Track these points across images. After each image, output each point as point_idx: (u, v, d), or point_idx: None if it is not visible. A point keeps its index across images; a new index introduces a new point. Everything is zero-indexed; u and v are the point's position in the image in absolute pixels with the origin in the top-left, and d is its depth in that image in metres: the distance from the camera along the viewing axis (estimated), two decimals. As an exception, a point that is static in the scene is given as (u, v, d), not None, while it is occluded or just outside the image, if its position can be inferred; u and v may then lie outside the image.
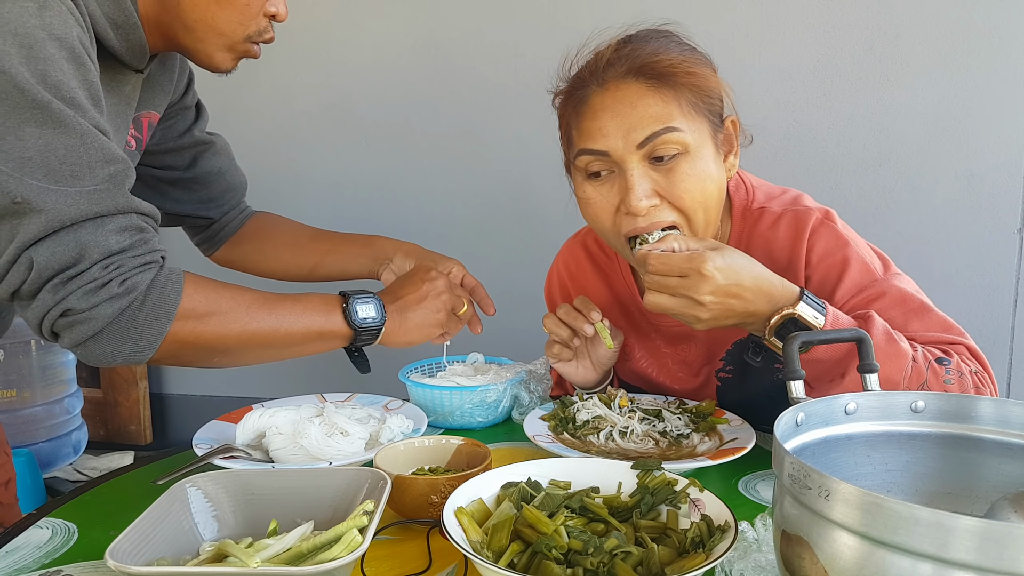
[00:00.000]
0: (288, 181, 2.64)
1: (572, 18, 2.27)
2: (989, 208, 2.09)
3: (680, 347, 1.13)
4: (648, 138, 0.91)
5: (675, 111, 0.92)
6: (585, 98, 0.96)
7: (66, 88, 0.75)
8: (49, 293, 0.75)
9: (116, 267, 0.77)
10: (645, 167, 0.93)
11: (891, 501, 0.46)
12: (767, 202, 1.05)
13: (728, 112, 0.99)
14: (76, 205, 0.75)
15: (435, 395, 1.09)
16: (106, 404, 2.83)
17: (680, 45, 0.97)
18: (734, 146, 1.00)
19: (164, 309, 0.79)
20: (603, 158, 0.94)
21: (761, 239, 1.03)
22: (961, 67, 2.05)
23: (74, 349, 0.78)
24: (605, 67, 0.94)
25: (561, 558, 0.63)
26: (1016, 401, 0.65)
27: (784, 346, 0.85)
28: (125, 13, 0.85)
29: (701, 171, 0.93)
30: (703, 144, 0.94)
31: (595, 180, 0.97)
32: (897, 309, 0.95)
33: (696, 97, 0.93)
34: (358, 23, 2.49)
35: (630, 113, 0.92)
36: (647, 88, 0.92)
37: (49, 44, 0.74)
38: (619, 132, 0.92)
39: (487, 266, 2.55)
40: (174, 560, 0.66)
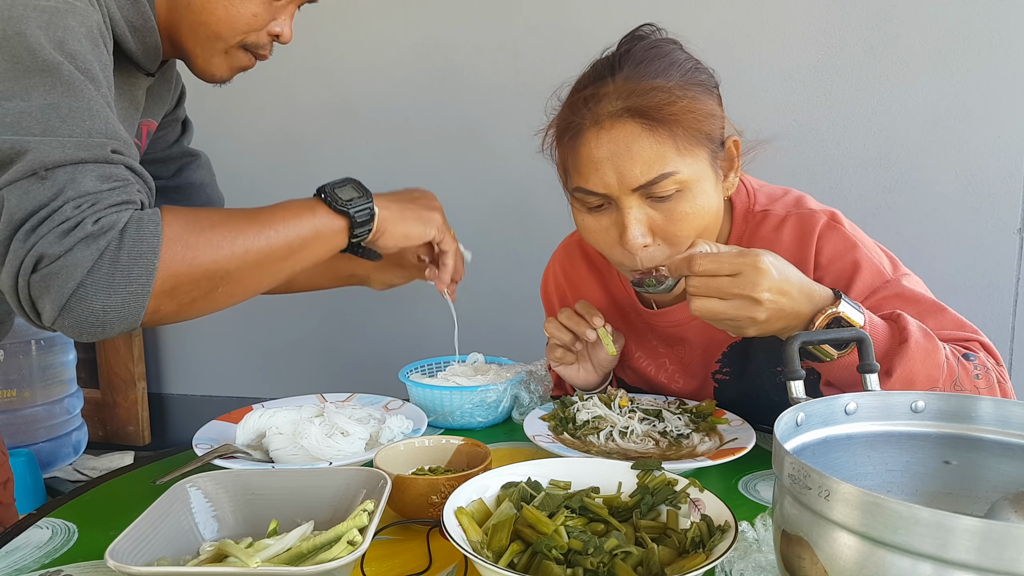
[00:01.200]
0: (288, 182, 2.64)
1: (572, 18, 2.27)
2: (989, 208, 2.09)
3: (676, 348, 1.13)
4: (644, 184, 0.90)
5: (671, 152, 0.90)
6: (580, 133, 0.93)
7: (81, 59, 0.73)
8: (20, 242, 0.68)
9: (90, 204, 0.70)
10: (642, 205, 0.92)
11: (891, 501, 0.46)
12: (770, 204, 1.04)
13: (729, 132, 0.97)
14: (61, 149, 0.70)
15: (435, 395, 1.09)
16: (105, 404, 2.83)
17: (680, 67, 0.93)
18: (735, 164, 0.98)
19: (147, 242, 0.71)
20: (599, 196, 0.94)
21: (764, 242, 1.02)
22: (961, 67, 2.05)
23: (60, 319, 0.70)
24: (599, 100, 0.91)
25: (561, 558, 0.63)
26: (1016, 401, 0.65)
27: (784, 346, 0.85)
28: (143, 16, 0.85)
29: (700, 206, 0.92)
30: (702, 177, 0.92)
31: (594, 212, 0.96)
32: (911, 309, 0.94)
33: (694, 129, 0.91)
34: (358, 24, 2.49)
35: (625, 155, 0.90)
36: (642, 129, 0.89)
37: (70, 17, 0.73)
38: (615, 175, 0.91)
39: (487, 266, 2.55)
40: (174, 560, 0.66)
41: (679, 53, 0.96)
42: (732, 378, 1.11)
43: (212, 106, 2.66)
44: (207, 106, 2.64)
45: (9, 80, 0.70)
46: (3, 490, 1.13)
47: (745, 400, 1.09)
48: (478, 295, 2.54)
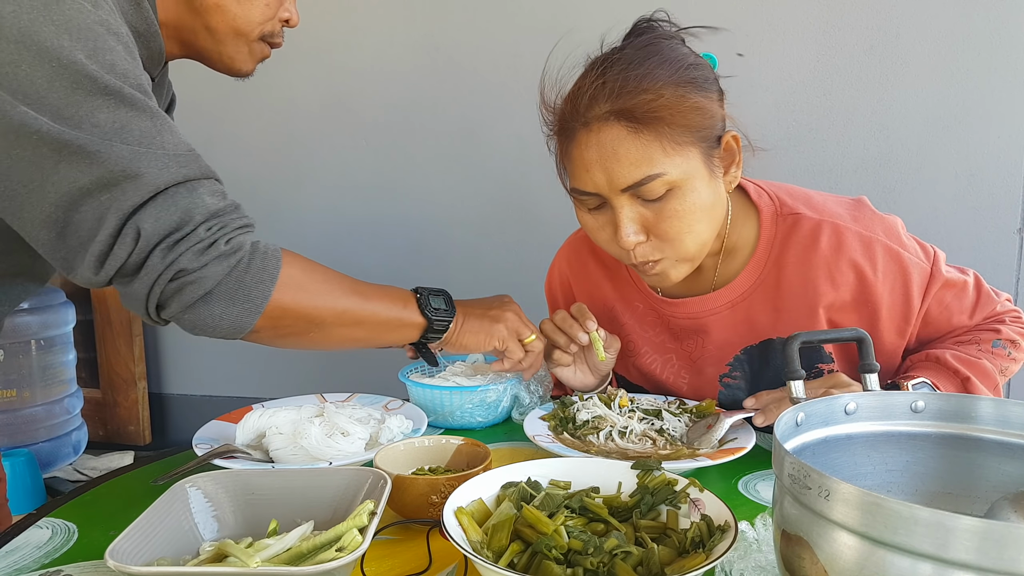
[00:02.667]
0: (289, 182, 2.64)
1: (572, 18, 2.27)
2: (989, 208, 2.09)
3: (687, 343, 1.13)
4: (631, 185, 0.91)
5: (657, 153, 0.90)
6: (572, 135, 0.95)
7: (133, 76, 0.75)
8: (158, 258, 0.75)
9: (220, 227, 0.78)
10: (633, 204, 0.93)
11: (891, 501, 0.46)
12: (799, 207, 1.05)
13: (729, 126, 0.97)
14: (167, 169, 0.75)
15: (435, 395, 1.09)
16: (105, 404, 2.83)
17: (672, 65, 0.92)
18: (735, 159, 0.98)
19: (268, 272, 0.81)
20: (594, 196, 0.95)
21: (800, 248, 1.03)
22: (961, 67, 2.05)
23: (181, 315, 0.78)
24: (588, 103, 0.92)
25: (561, 558, 0.63)
26: (1016, 401, 0.65)
27: (784, 346, 0.85)
28: (147, 21, 0.85)
29: (691, 204, 0.93)
30: (693, 175, 0.92)
31: (592, 211, 0.98)
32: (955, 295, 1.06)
33: (682, 128, 0.90)
34: (358, 24, 2.49)
35: (612, 158, 0.91)
36: (627, 132, 0.90)
37: (108, 38, 0.74)
38: (604, 177, 0.92)
39: (486, 266, 2.56)
40: (174, 560, 0.66)
41: (676, 49, 0.95)
42: (741, 382, 1.11)
43: (212, 108, 2.66)
44: (206, 107, 2.65)
45: (74, 107, 0.71)
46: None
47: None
48: (477, 295, 2.54)
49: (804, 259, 1.03)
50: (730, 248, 1.07)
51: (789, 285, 1.04)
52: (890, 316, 1.03)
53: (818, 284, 1.02)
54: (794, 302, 1.04)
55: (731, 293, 1.07)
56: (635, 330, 1.16)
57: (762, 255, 1.05)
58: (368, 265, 2.63)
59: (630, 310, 1.16)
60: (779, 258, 1.04)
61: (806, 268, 1.03)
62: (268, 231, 2.90)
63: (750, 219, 1.07)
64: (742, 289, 1.06)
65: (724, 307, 1.08)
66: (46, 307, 2.53)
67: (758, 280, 1.06)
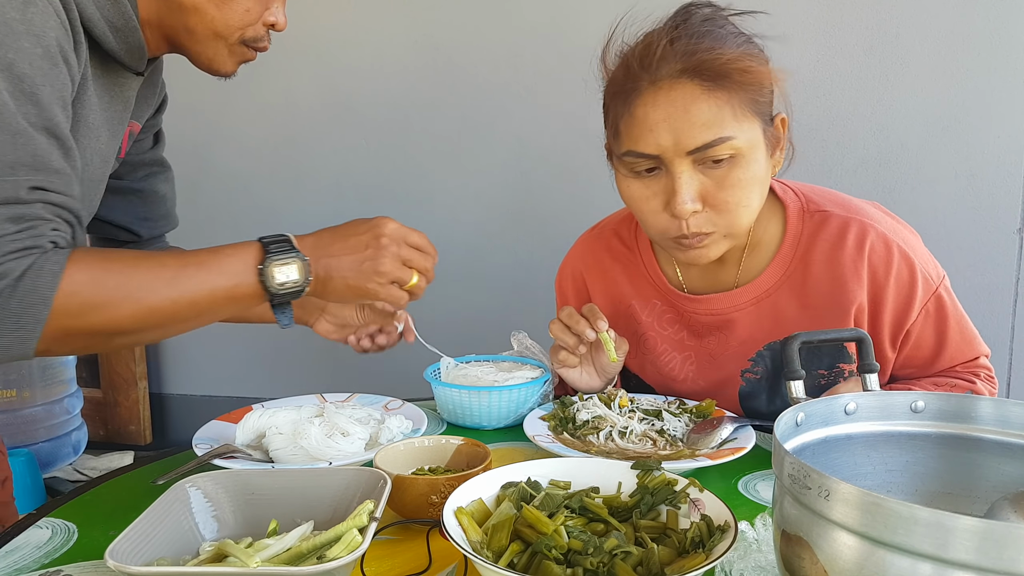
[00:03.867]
0: (288, 182, 2.64)
1: (572, 18, 2.27)
2: (989, 208, 2.09)
3: (708, 339, 1.11)
4: (700, 147, 0.89)
5: (728, 116, 0.89)
6: (636, 93, 0.92)
7: (28, 82, 0.73)
8: None
9: None
10: (694, 170, 0.92)
11: (891, 501, 0.46)
12: (826, 204, 1.06)
13: (777, 108, 0.98)
14: None
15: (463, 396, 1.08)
16: (106, 404, 2.83)
17: (736, 36, 0.93)
18: (781, 142, 0.99)
19: (39, 295, 0.72)
20: (650, 159, 0.93)
21: (826, 244, 1.03)
22: (961, 67, 2.05)
23: None
24: (659, 62, 0.90)
25: (561, 558, 0.63)
26: (1016, 401, 0.65)
27: (784, 346, 0.85)
28: (124, 16, 0.84)
29: (751, 176, 0.92)
30: (755, 146, 0.92)
31: (642, 177, 0.96)
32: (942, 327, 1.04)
33: (750, 97, 0.91)
34: (358, 24, 2.49)
35: (683, 118, 0.89)
36: (701, 91, 0.89)
37: (25, 39, 0.72)
38: (670, 137, 0.90)
39: (486, 266, 2.56)
40: (174, 560, 0.66)
41: (733, 26, 0.96)
42: (762, 378, 1.10)
43: (210, 107, 2.66)
44: (205, 107, 2.65)
45: None
46: (1, 488, 1.13)
47: (772, 400, 1.09)
48: (477, 295, 2.54)
49: (832, 256, 1.03)
50: (754, 243, 1.07)
51: (816, 282, 1.04)
52: (890, 321, 1.04)
53: (846, 281, 1.02)
54: (822, 299, 1.04)
55: (756, 289, 1.06)
56: (653, 328, 1.15)
57: (788, 251, 1.05)
58: (368, 265, 2.63)
59: (648, 307, 1.15)
60: (806, 255, 1.04)
61: (834, 265, 1.03)
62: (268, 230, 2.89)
63: (775, 215, 1.07)
64: (768, 285, 1.06)
65: (749, 303, 1.07)
66: (46, 307, 2.53)
67: (784, 276, 1.05)
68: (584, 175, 2.40)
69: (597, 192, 2.38)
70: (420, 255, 0.89)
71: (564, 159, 2.40)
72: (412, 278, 0.89)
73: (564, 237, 2.47)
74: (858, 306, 1.02)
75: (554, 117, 2.37)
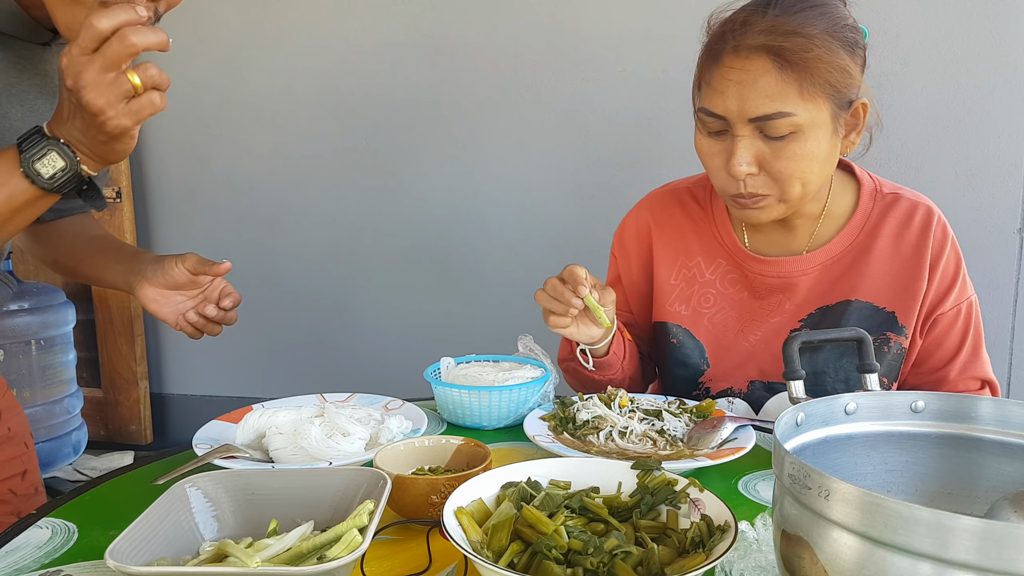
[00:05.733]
0: (288, 182, 2.64)
1: (572, 18, 2.27)
2: (989, 208, 2.09)
3: (768, 301, 1.15)
4: (760, 117, 0.96)
5: (793, 93, 0.95)
6: (719, 56, 0.99)
7: None
8: None
9: None
10: (754, 137, 0.99)
11: (891, 501, 0.46)
12: (898, 189, 1.14)
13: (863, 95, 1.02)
14: None
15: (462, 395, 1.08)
16: (107, 404, 2.83)
17: (829, 18, 0.98)
18: (859, 126, 1.04)
19: None
20: (719, 120, 1.00)
21: (895, 223, 1.11)
22: (961, 67, 2.06)
23: None
24: (746, 32, 0.97)
25: (561, 558, 0.63)
26: (1016, 401, 0.65)
27: (784, 346, 0.85)
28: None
29: (810, 152, 0.98)
30: (818, 125, 0.98)
31: (712, 136, 1.03)
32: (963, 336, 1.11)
33: (821, 79, 0.96)
34: (358, 23, 2.49)
35: (751, 87, 0.96)
36: (773, 66, 0.95)
37: None
38: (736, 102, 0.97)
39: (486, 265, 2.56)
40: (174, 560, 0.66)
41: (838, 7, 1.01)
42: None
43: (210, 105, 2.66)
44: (205, 107, 2.65)
45: None
46: (21, 481, 1.12)
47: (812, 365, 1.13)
48: (477, 294, 2.54)
49: (898, 233, 1.11)
50: (829, 213, 1.13)
51: (879, 253, 1.10)
52: (928, 304, 1.10)
53: (909, 258, 1.09)
54: (880, 270, 1.10)
55: (823, 255, 1.12)
56: (714, 285, 1.18)
57: (857, 224, 1.12)
58: (368, 264, 2.63)
59: (713, 266, 1.19)
60: (874, 229, 1.11)
61: (898, 242, 1.10)
62: (268, 230, 2.91)
63: (850, 191, 1.14)
64: (834, 252, 1.12)
65: (815, 268, 1.13)
66: (46, 307, 2.53)
67: (850, 246, 1.12)
68: (584, 174, 2.40)
69: (597, 191, 2.39)
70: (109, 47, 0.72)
71: (564, 159, 2.40)
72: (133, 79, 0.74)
73: (564, 236, 2.47)
74: (918, 284, 1.09)
75: (554, 117, 2.37)
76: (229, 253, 2.73)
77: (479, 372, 1.13)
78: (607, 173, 2.35)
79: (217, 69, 2.56)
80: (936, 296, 1.09)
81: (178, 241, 2.79)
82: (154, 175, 2.71)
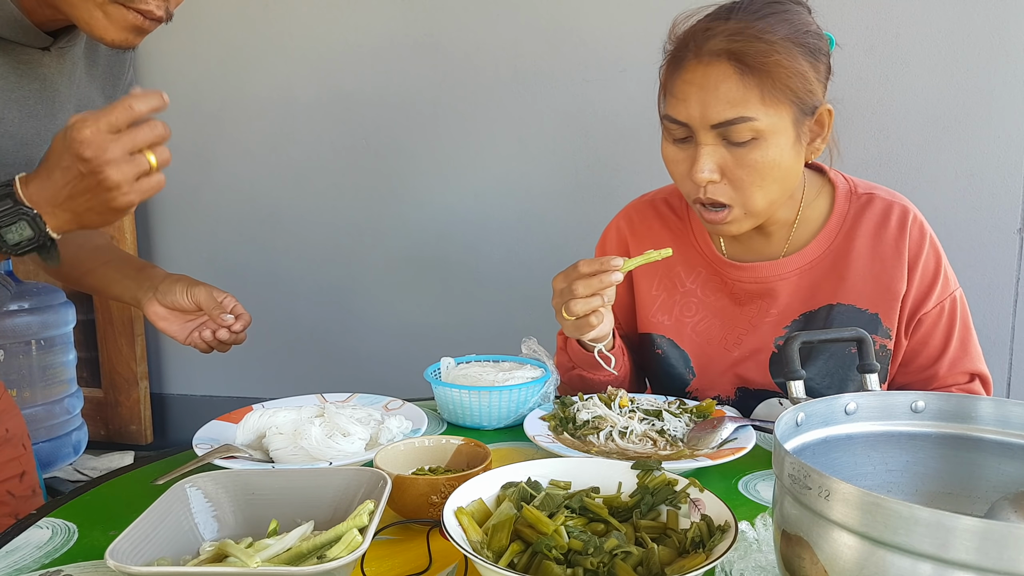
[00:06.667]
0: (288, 182, 2.64)
1: (572, 18, 2.27)
2: (989, 208, 2.09)
3: (749, 307, 1.15)
4: (722, 123, 0.96)
5: (755, 99, 0.95)
6: (681, 63, 1.00)
7: None
8: None
9: None
10: (717, 144, 0.99)
11: (891, 501, 0.46)
12: (873, 189, 1.13)
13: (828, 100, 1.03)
14: None
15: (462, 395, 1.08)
16: (107, 404, 2.83)
17: (792, 25, 0.98)
18: (824, 133, 1.04)
19: None
20: (683, 127, 1.00)
21: (871, 224, 1.10)
22: (961, 67, 2.05)
23: None
24: (707, 39, 0.97)
25: (561, 558, 0.63)
26: (1016, 401, 0.65)
27: (784, 346, 0.85)
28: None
29: (771, 159, 0.98)
30: (780, 131, 0.98)
31: (676, 143, 1.03)
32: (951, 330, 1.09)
33: (783, 85, 0.96)
34: (357, 23, 2.49)
35: (713, 92, 0.96)
36: (734, 71, 0.95)
37: None
38: (698, 108, 0.97)
39: (486, 265, 2.56)
40: (174, 560, 0.66)
41: (801, 14, 1.01)
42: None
43: (209, 106, 2.66)
44: (205, 107, 2.65)
45: None
46: (19, 482, 1.12)
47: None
48: (477, 295, 2.54)
49: (875, 234, 1.10)
50: (804, 218, 1.13)
51: (857, 256, 1.09)
52: (910, 305, 1.09)
53: (887, 259, 1.08)
54: (860, 273, 1.09)
55: (800, 260, 1.12)
56: (695, 294, 1.18)
57: (834, 227, 1.11)
58: (368, 264, 2.63)
59: (693, 274, 1.18)
60: (850, 231, 1.11)
61: (876, 243, 1.09)
62: (268, 231, 2.91)
63: (824, 194, 1.14)
64: (812, 257, 1.11)
65: (792, 273, 1.12)
66: (46, 307, 2.53)
67: (828, 250, 1.11)
68: (584, 174, 2.40)
69: (597, 191, 2.39)
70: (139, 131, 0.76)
71: (564, 159, 2.40)
72: (150, 159, 0.77)
73: (564, 236, 2.47)
74: (897, 284, 1.08)
75: (554, 117, 2.37)
76: (229, 253, 2.74)
77: (479, 372, 1.14)
78: (607, 174, 2.35)
79: (217, 69, 2.56)
80: (918, 296, 1.09)
81: (178, 241, 2.79)
82: (154, 175, 2.71)
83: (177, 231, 2.79)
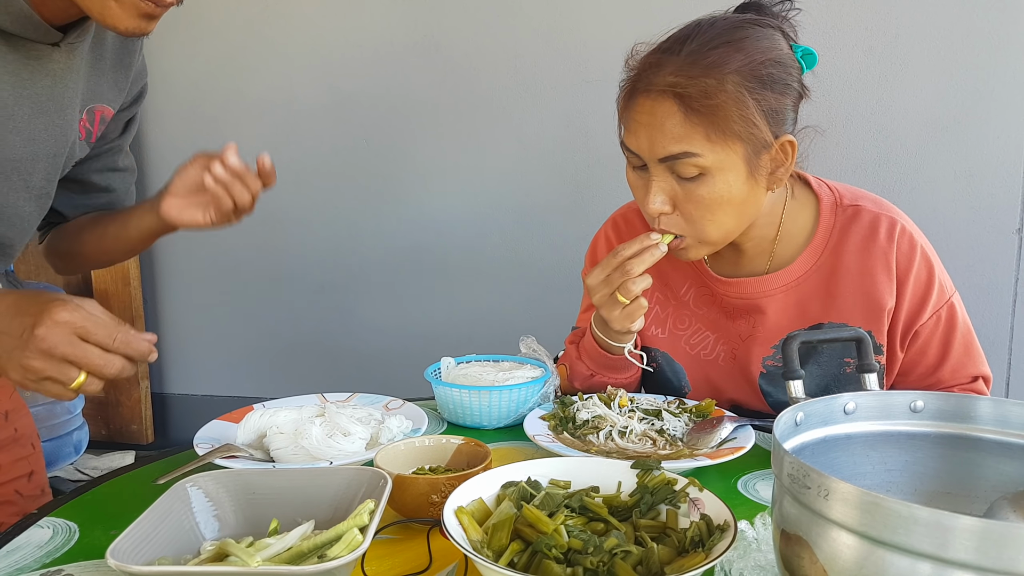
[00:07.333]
0: (288, 182, 2.64)
1: (572, 18, 2.27)
2: (988, 208, 2.09)
3: (740, 322, 1.13)
4: (667, 157, 0.96)
5: (699, 137, 0.94)
6: (633, 96, 1.00)
7: None
8: None
9: None
10: (668, 176, 0.98)
11: (890, 500, 0.46)
12: (859, 200, 1.09)
13: (788, 129, 1.00)
14: None
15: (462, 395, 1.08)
16: (108, 404, 2.83)
17: (747, 55, 0.94)
18: (786, 163, 1.00)
19: None
20: (637, 157, 1.00)
21: (858, 237, 1.06)
22: (961, 67, 2.06)
23: None
24: (655, 72, 0.96)
25: (561, 557, 0.63)
26: (1016, 401, 0.65)
27: (783, 346, 0.85)
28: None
29: (719, 194, 0.96)
30: (729, 168, 0.95)
31: (636, 170, 1.03)
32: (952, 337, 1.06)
33: (729, 128, 0.93)
34: (358, 23, 2.49)
35: (659, 129, 0.95)
36: (679, 109, 0.94)
37: None
38: (647, 143, 0.97)
39: (486, 265, 2.56)
40: (175, 559, 0.66)
41: (765, 39, 0.97)
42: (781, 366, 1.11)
43: (209, 106, 2.66)
44: (205, 108, 2.65)
45: None
46: (28, 482, 1.12)
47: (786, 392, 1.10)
48: (477, 295, 2.54)
49: (863, 248, 1.06)
50: (786, 234, 1.10)
51: (846, 272, 1.06)
52: (904, 318, 1.06)
53: (876, 273, 1.05)
54: (851, 290, 1.06)
55: (787, 276, 1.09)
56: (687, 306, 1.17)
57: (820, 242, 1.08)
58: (368, 264, 2.63)
59: (685, 285, 1.17)
60: (837, 246, 1.07)
61: (864, 257, 1.06)
62: (268, 231, 2.91)
63: (808, 207, 1.10)
64: (798, 274, 1.09)
65: (778, 290, 1.09)
66: (47, 307, 2.53)
67: (814, 266, 1.08)
68: (584, 175, 2.40)
69: (597, 192, 2.39)
70: (94, 352, 0.74)
71: (564, 159, 2.40)
72: (77, 377, 0.74)
73: (564, 237, 2.47)
74: (885, 299, 1.05)
75: (555, 117, 2.37)
76: (229, 253, 2.74)
77: (479, 372, 1.14)
78: (607, 174, 2.35)
79: (217, 69, 2.56)
80: (911, 311, 1.05)
81: (178, 241, 2.79)
82: (155, 175, 2.71)
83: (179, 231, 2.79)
